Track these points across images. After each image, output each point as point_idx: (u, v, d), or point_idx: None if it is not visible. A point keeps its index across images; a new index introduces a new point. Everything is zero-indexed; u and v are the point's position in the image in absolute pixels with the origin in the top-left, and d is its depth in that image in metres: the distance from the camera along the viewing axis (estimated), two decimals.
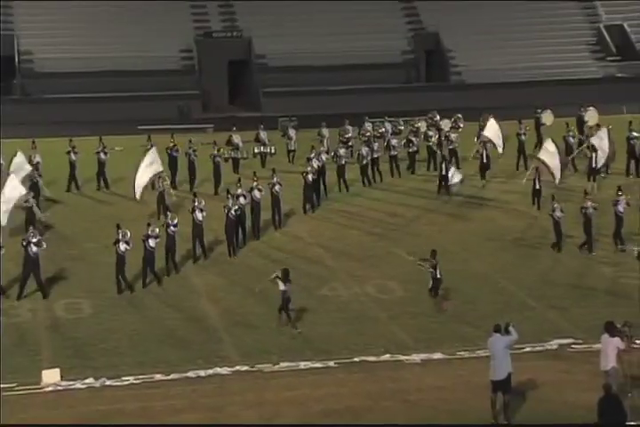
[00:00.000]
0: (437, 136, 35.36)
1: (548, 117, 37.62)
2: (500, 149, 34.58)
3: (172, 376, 19.39)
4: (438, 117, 37.45)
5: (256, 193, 28.03)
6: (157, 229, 24.64)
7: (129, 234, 24.05)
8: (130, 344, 21.12)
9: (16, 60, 47.36)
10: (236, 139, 35.67)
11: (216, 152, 32.80)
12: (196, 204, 26.43)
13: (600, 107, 37.84)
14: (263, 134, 36.22)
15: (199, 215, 26.18)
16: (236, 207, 26.84)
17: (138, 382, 19.17)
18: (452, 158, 34.39)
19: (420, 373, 19.33)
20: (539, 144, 35.32)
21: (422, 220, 29.92)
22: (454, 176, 31.29)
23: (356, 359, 19.97)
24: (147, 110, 44.54)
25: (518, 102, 42.36)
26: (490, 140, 34.13)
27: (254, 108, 48.30)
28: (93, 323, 22.40)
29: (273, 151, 35.68)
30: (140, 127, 38.50)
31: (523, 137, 34.93)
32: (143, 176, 29.60)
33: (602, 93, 45.00)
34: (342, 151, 33.33)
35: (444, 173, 31.57)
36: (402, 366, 19.68)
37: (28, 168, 30.45)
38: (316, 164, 31.23)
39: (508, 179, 33.74)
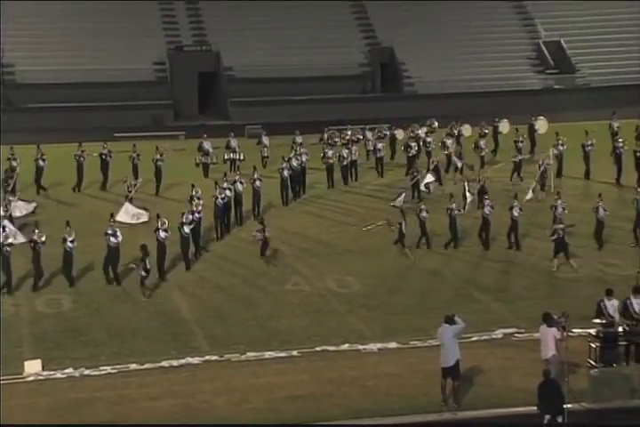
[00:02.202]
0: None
1: (504, 126, 37.44)
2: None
3: (146, 366, 19.28)
4: (436, 124, 37.47)
5: (239, 186, 28.96)
6: (191, 217, 25.33)
7: (167, 223, 24.59)
8: (107, 336, 20.97)
9: None
10: (207, 145, 35.68)
11: (158, 156, 32.70)
12: (194, 193, 27.29)
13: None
14: (233, 142, 36.23)
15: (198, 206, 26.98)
16: (222, 196, 27.72)
17: (115, 371, 19.04)
18: (448, 163, 34.55)
19: (377, 361, 19.35)
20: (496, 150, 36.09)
21: (383, 218, 29.83)
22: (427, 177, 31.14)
23: (317, 349, 19.95)
24: (122, 119, 44.45)
25: (466, 111, 42.60)
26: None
27: (223, 116, 48.25)
28: (73, 317, 22.23)
29: (242, 158, 35.69)
30: (115, 135, 38.30)
31: (520, 144, 34.59)
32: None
33: (541, 103, 45.48)
34: (330, 153, 33.95)
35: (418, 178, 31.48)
36: (359, 355, 19.70)
37: None
38: (296, 162, 31.80)
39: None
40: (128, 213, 28.08)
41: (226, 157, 35.65)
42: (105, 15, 50.05)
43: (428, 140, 35.65)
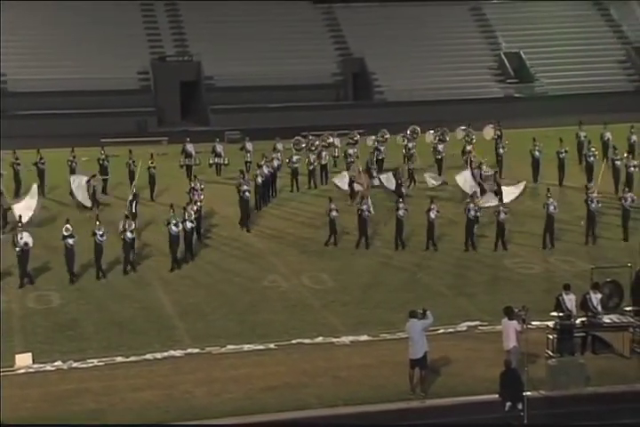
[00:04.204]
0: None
1: (488, 133, 36.64)
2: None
3: (131, 359, 19.19)
4: (418, 132, 36.92)
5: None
6: (192, 213, 25.80)
7: (193, 215, 25.58)
8: (94, 331, 20.85)
9: None
10: (190, 148, 35.55)
11: (150, 164, 32.43)
12: (192, 185, 28.58)
13: (501, 122, 38.26)
14: (219, 147, 36.01)
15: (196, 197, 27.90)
16: (246, 192, 28.67)
17: (101, 364, 18.93)
18: (439, 167, 34.48)
19: (349, 353, 19.36)
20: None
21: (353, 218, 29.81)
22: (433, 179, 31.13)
23: (293, 342, 19.92)
24: (108, 125, 44.32)
25: (433, 117, 42.74)
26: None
27: (203, 123, 48.16)
28: (61, 313, 22.07)
29: (227, 162, 35.56)
30: (102, 140, 38.08)
31: (501, 150, 34.12)
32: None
33: (502, 111, 45.79)
34: (295, 158, 33.92)
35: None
36: (333, 348, 19.69)
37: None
38: (266, 170, 31.65)
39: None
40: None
41: (211, 161, 35.52)
42: (92, 27, 49.93)
43: (410, 145, 35.69)
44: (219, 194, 31.72)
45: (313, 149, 35.56)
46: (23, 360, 18.86)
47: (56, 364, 18.91)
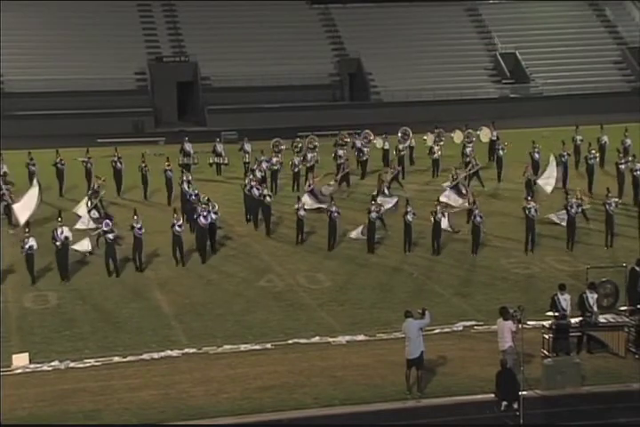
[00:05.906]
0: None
1: (485, 134, 36.33)
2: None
3: (128, 358, 19.15)
4: (409, 133, 36.78)
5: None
6: (216, 205, 26.33)
7: (217, 206, 26.17)
8: (91, 331, 20.81)
9: None
10: (188, 147, 35.67)
11: (167, 167, 32.23)
12: (185, 178, 29.26)
13: (497, 123, 38.28)
14: (219, 146, 35.97)
15: (187, 188, 28.46)
16: (267, 197, 28.38)
17: (98, 364, 18.88)
18: (434, 168, 34.35)
19: (346, 352, 19.33)
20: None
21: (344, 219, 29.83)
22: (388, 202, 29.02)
23: (289, 342, 19.90)
24: (105, 125, 44.41)
25: (428, 118, 42.85)
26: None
27: (200, 123, 48.27)
28: (58, 313, 22.04)
29: (227, 162, 35.52)
30: (99, 140, 38.11)
31: (501, 152, 33.91)
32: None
33: (497, 111, 45.89)
34: (274, 160, 33.51)
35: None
36: (329, 347, 19.67)
37: None
38: (259, 174, 31.50)
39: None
40: None
41: (211, 160, 35.51)
42: (89, 28, 50.03)
43: (400, 146, 35.64)
44: (215, 195, 31.65)
45: (298, 151, 35.37)
46: (20, 360, 18.82)
47: (53, 364, 18.87)
